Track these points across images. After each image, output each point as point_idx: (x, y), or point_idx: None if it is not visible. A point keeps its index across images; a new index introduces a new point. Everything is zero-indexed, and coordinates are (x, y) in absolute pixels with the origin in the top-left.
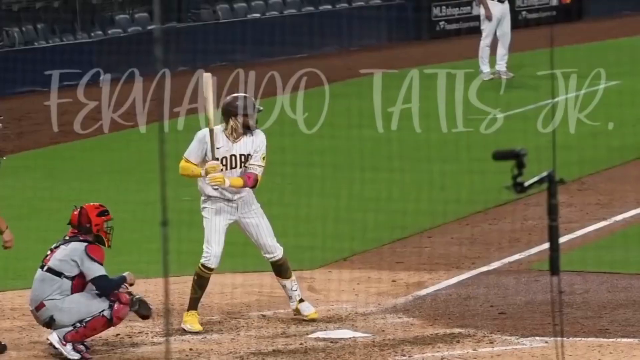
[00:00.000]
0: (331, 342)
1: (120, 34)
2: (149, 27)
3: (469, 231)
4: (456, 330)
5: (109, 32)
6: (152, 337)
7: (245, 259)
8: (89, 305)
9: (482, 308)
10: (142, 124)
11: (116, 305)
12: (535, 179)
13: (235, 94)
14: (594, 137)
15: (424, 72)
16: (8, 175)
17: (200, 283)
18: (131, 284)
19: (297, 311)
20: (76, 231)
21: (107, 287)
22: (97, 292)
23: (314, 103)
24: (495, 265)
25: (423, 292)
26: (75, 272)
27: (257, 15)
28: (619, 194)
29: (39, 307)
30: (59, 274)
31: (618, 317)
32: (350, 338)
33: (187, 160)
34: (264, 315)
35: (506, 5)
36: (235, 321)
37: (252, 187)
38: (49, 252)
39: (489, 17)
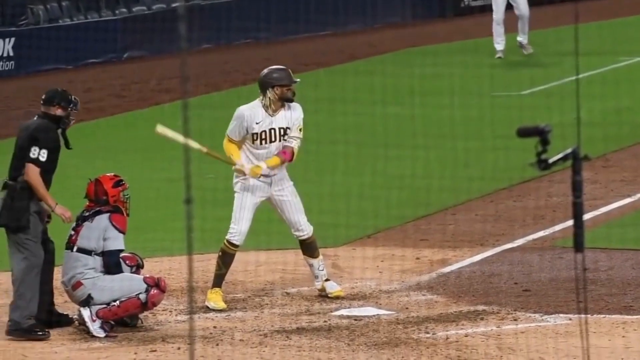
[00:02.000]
0: (355, 319)
1: (145, 11)
2: (173, 5)
3: (493, 208)
4: (480, 308)
5: (134, 9)
6: (175, 315)
7: (270, 236)
8: (129, 286)
9: (505, 285)
10: (167, 101)
11: (153, 290)
12: (560, 155)
13: (273, 66)
14: (618, 114)
15: (448, 49)
16: None
17: (225, 260)
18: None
19: (322, 290)
20: (93, 204)
21: (113, 264)
22: (135, 272)
23: (337, 80)
24: (519, 242)
25: (447, 269)
26: (103, 247)
27: None
28: None
29: (76, 286)
30: (89, 252)
31: None
32: (374, 315)
33: (231, 140)
34: (287, 293)
35: None
36: (259, 299)
37: (290, 160)
38: (72, 232)
39: None
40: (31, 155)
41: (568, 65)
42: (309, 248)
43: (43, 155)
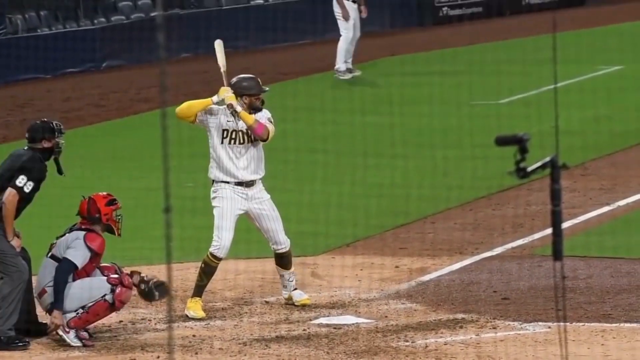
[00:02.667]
0: (334, 328)
1: (123, 21)
2: (152, 14)
3: (472, 217)
4: (459, 316)
5: (112, 19)
6: (154, 324)
7: (249, 245)
8: (90, 290)
9: (485, 293)
10: (145, 110)
11: (118, 289)
12: (538, 164)
13: (243, 75)
14: (596, 122)
15: (427, 58)
16: None
17: (207, 271)
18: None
19: (289, 299)
20: (85, 221)
21: (64, 276)
22: (98, 276)
23: (316, 89)
24: (498, 250)
25: (426, 277)
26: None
27: (260, 1)
28: (622, 179)
29: (41, 293)
30: (59, 260)
31: (621, 302)
32: (353, 324)
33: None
34: (267, 302)
35: (356, 4)
36: (239, 307)
37: (260, 134)
38: (55, 241)
39: (345, 17)
40: (17, 182)
41: (546, 73)
42: (283, 260)
43: (28, 187)
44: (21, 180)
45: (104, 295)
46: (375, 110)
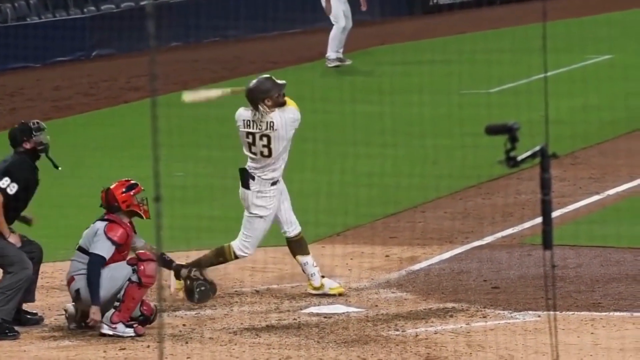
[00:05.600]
0: (324, 317)
1: (113, 10)
2: (142, 3)
3: (462, 206)
4: (449, 305)
5: (102, 7)
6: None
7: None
8: (112, 278)
9: (475, 282)
10: (135, 99)
11: (141, 266)
12: (528, 153)
13: (256, 80)
14: (585, 112)
15: (417, 47)
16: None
17: (219, 261)
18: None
19: (320, 288)
20: (108, 212)
21: (95, 269)
22: (117, 262)
23: (306, 78)
24: (488, 239)
25: (416, 266)
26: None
27: None
28: (611, 168)
29: (70, 281)
30: (86, 251)
31: (611, 291)
32: (343, 313)
33: None
34: (257, 291)
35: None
36: (229, 297)
37: None
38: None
39: (327, 12)
40: (0, 184)
41: (536, 63)
42: (301, 246)
43: (12, 189)
44: (4, 182)
45: (129, 278)
46: (365, 99)
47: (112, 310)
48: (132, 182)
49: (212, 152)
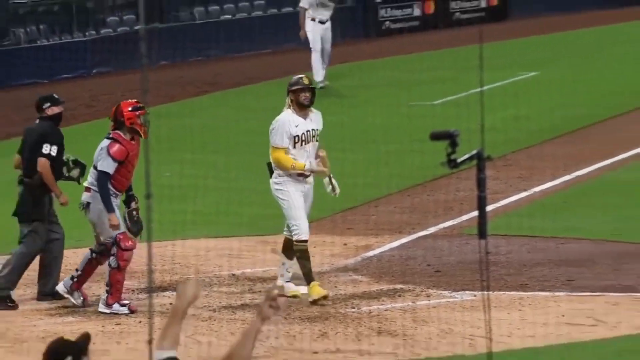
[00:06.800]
0: (291, 297)
1: (111, 34)
2: (136, 27)
3: (409, 201)
4: (398, 286)
5: (101, 31)
6: (137, 294)
7: (218, 226)
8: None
9: (420, 267)
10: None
11: (119, 253)
12: (467, 156)
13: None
14: (516, 121)
15: (372, 65)
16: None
17: (304, 256)
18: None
19: (281, 288)
20: (114, 125)
21: (101, 185)
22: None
23: (277, 91)
24: (431, 230)
25: (370, 253)
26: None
27: (229, 16)
28: (538, 169)
29: (87, 189)
30: (95, 166)
31: (536, 274)
32: (307, 293)
33: (278, 148)
34: (233, 275)
35: (326, 25)
36: (209, 279)
37: None
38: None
39: (302, 37)
40: (44, 151)
41: (474, 79)
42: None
43: (54, 151)
44: (46, 148)
45: (110, 264)
46: (328, 111)
47: (105, 295)
48: (139, 104)
49: (195, 156)
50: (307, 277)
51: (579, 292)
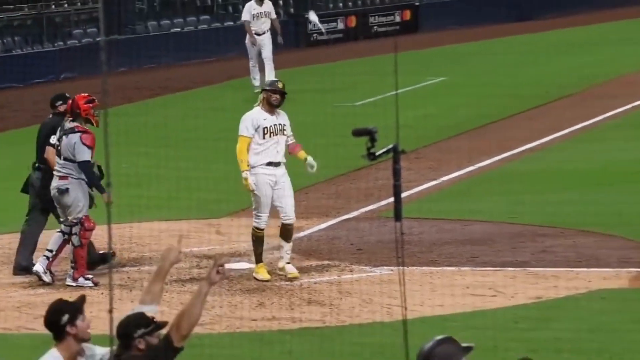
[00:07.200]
0: (233, 272)
1: (76, 44)
2: (97, 39)
3: (335, 189)
4: (325, 262)
5: (68, 42)
6: (99, 269)
7: (170, 210)
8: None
9: (344, 246)
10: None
11: (81, 232)
12: (384, 150)
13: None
14: (425, 119)
15: (302, 72)
16: None
17: (258, 241)
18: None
19: (282, 269)
20: (70, 116)
21: (87, 172)
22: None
23: (219, 94)
24: (354, 214)
25: (301, 234)
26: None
27: (178, 29)
28: (445, 161)
29: (63, 177)
30: (72, 160)
31: (444, 252)
32: (247, 269)
33: (244, 138)
34: (181, 252)
35: (265, 35)
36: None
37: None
38: (57, 143)
39: (253, 43)
40: (52, 141)
41: (390, 83)
42: (287, 232)
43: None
44: (54, 139)
45: (73, 243)
46: None
47: (71, 271)
48: (91, 97)
49: (150, 149)
50: (258, 258)
51: (482, 267)
